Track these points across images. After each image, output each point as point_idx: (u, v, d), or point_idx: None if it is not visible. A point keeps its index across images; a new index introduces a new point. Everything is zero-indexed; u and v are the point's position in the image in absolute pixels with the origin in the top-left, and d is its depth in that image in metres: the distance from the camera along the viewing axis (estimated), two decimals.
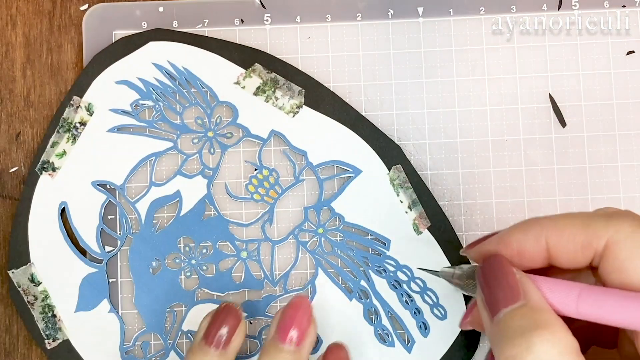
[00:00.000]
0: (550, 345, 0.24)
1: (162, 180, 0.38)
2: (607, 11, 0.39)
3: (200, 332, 0.33)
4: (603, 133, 0.38)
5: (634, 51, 0.38)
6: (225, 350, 0.33)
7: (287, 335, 0.32)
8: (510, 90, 0.38)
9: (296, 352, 0.32)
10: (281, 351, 0.32)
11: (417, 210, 0.37)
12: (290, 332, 0.32)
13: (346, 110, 0.38)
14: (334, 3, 0.39)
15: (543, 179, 0.38)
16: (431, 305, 0.37)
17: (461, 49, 0.39)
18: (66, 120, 0.38)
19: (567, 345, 0.24)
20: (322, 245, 0.37)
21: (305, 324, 0.33)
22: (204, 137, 0.38)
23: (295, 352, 0.32)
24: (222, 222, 0.37)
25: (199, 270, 0.37)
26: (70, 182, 0.37)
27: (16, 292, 0.37)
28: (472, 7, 0.39)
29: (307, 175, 0.38)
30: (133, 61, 0.38)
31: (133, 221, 0.37)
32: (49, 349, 0.36)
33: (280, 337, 0.32)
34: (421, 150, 0.38)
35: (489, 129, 0.38)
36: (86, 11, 0.39)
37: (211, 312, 0.34)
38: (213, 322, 0.33)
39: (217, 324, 0.33)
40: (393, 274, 0.37)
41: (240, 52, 0.38)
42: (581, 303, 0.26)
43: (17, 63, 0.39)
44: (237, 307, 0.34)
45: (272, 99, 0.38)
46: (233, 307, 0.34)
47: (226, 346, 0.33)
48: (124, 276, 0.37)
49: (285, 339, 0.32)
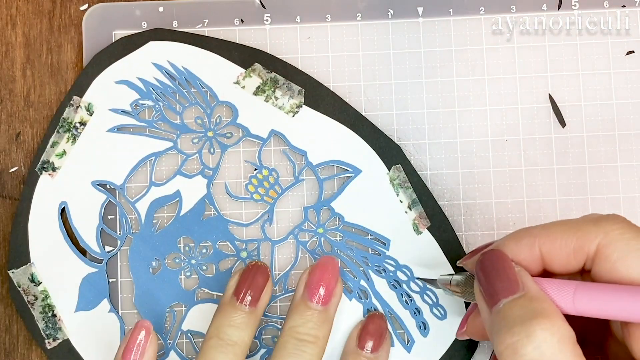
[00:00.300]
0: (550, 333, 0.25)
1: (162, 180, 0.38)
2: (607, 11, 0.39)
3: (229, 290, 0.34)
4: (603, 133, 0.38)
5: (634, 51, 0.38)
6: (254, 307, 0.34)
7: (316, 294, 0.33)
8: (510, 90, 0.38)
9: (323, 311, 0.33)
10: (309, 308, 0.33)
11: (417, 210, 0.37)
12: (318, 290, 0.34)
13: (346, 110, 0.38)
14: (334, 3, 0.39)
15: (543, 179, 0.38)
16: (431, 305, 0.37)
17: (461, 49, 0.39)
18: (66, 120, 0.38)
19: (565, 335, 0.25)
20: (322, 245, 0.37)
21: (333, 283, 0.34)
22: (204, 137, 0.38)
23: (322, 311, 0.33)
24: (222, 222, 0.37)
25: (199, 270, 0.37)
26: (70, 182, 0.37)
27: (16, 292, 0.37)
28: (472, 7, 0.39)
29: (307, 175, 0.38)
30: (133, 61, 0.38)
31: (133, 221, 0.37)
32: (49, 348, 0.36)
33: (309, 296, 0.33)
34: (421, 150, 0.38)
35: (489, 129, 0.38)
36: (86, 11, 0.39)
37: (239, 270, 0.35)
38: (242, 279, 0.34)
39: (247, 281, 0.34)
40: (393, 273, 0.37)
41: (240, 51, 0.38)
42: (577, 298, 0.26)
43: (17, 63, 0.39)
44: (266, 266, 0.35)
45: (272, 98, 0.38)
46: (262, 264, 0.35)
47: (255, 302, 0.34)
48: (124, 276, 0.37)
49: (313, 297, 0.33)
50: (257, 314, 0.34)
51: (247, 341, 0.33)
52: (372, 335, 0.35)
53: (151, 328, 0.33)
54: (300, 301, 0.34)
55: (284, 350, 0.32)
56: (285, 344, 0.33)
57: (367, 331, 0.35)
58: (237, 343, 0.33)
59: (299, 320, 0.33)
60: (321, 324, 0.33)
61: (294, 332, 0.33)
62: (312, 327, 0.33)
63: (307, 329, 0.33)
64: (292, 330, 0.33)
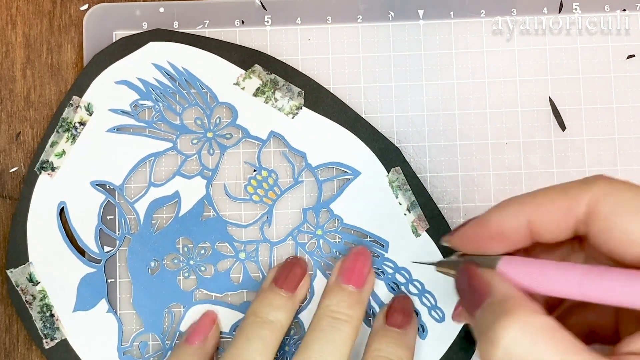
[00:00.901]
0: (515, 330, 0.23)
1: (161, 181, 0.38)
2: (608, 15, 0.39)
3: (268, 279, 0.36)
4: (603, 137, 0.38)
5: (635, 55, 0.38)
6: (293, 294, 0.35)
7: (349, 277, 0.35)
8: (510, 93, 0.38)
9: (357, 293, 0.34)
10: (343, 290, 0.34)
11: (416, 213, 0.37)
12: (352, 274, 0.35)
13: (346, 112, 0.38)
14: (335, 5, 0.39)
15: (542, 183, 0.38)
16: (429, 308, 0.37)
17: (461, 52, 0.39)
18: (66, 120, 0.38)
19: (535, 326, 0.24)
20: (321, 247, 0.37)
21: (366, 269, 0.35)
22: (204, 137, 0.38)
23: (356, 293, 0.34)
24: (220, 222, 0.37)
25: (198, 270, 0.37)
26: (69, 182, 0.37)
27: (14, 292, 0.37)
28: (472, 9, 0.39)
29: (306, 176, 0.38)
30: (133, 61, 0.38)
31: (132, 221, 0.37)
32: (47, 348, 0.36)
33: (342, 279, 0.35)
34: (420, 153, 0.38)
35: (489, 131, 0.38)
36: (86, 11, 0.39)
37: (278, 264, 0.37)
38: (282, 268, 0.36)
39: (286, 270, 0.35)
40: (391, 275, 0.37)
41: (240, 53, 0.38)
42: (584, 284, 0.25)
43: (17, 63, 0.39)
44: (304, 260, 0.37)
45: (272, 100, 0.38)
46: (301, 258, 0.37)
47: (293, 289, 0.35)
48: (122, 276, 0.37)
49: (347, 280, 0.35)
50: (294, 300, 0.35)
51: (283, 322, 0.34)
52: (399, 312, 0.35)
53: (217, 320, 0.36)
54: (334, 284, 0.35)
55: (318, 326, 0.33)
56: (319, 321, 0.33)
57: (394, 309, 0.35)
58: (273, 322, 0.34)
59: (333, 299, 0.34)
60: (354, 304, 0.34)
61: (328, 311, 0.34)
62: (346, 306, 0.34)
63: (341, 307, 0.34)
64: (326, 309, 0.34)
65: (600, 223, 0.25)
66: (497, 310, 0.25)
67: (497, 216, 0.28)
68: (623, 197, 0.25)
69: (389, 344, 0.34)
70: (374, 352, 0.33)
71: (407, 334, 0.35)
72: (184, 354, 0.35)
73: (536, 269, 0.26)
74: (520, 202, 0.27)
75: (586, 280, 0.25)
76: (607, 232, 0.25)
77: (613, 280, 0.24)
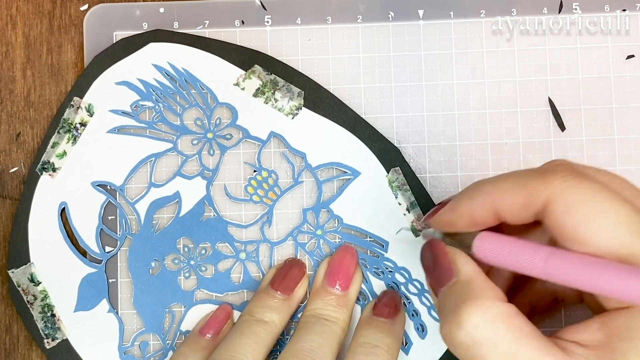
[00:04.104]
0: (478, 315, 0.25)
1: (162, 181, 0.38)
2: (608, 15, 0.39)
3: (266, 280, 0.36)
4: (602, 137, 0.38)
5: (634, 55, 0.38)
6: (289, 296, 0.35)
7: (335, 279, 0.35)
8: (510, 94, 0.38)
9: (343, 296, 0.35)
10: (329, 293, 0.35)
11: (416, 213, 0.37)
12: (338, 276, 0.35)
13: (345, 112, 0.38)
14: (335, 5, 0.39)
15: None
16: (429, 307, 0.37)
17: (461, 52, 0.39)
18: (66, 120, 0.38)
19: (497, 313, 0.25)
20: (321, 247, 0.37)
21: (352, 269, 0.36)
22: (204, 138, 0.38)
23: (342, 295, 0.35)
24: (221, 223, 0.38)
25: (198, 271, 0.37)
26: (70, 183, 0.37)
27: (16, 292, 0.37)
28: (472, 9, 0.39)
29: (306, 176, 0.38)
30: (133, 62, 0.38)
31: (132, 222, 0.38)
32: (48, 348, 0.36)
33: (328, 281, 0.35)
34: (420, 153, 0.38)
35: (488, 132, 0.38)
36: (86, 11, 0.39)
37: (277, 265, 0.37)
38: (279, 271, 0.36)
39: (284, 272, 0.36)
40: (391, 275, 0.37)
41: (240, 53, 0.38)
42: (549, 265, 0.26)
43: (17, 63, 0.39)
44: (302, 262, 0.37)
45: (272, 100, 0.38)
46: (299, 260, 0.37)
47: (290, 292, 0.35)
48: (123, 276, 0.37)
49: (333, 283, 0.35)
50: (290, 302, 0.35)
51: (277, 323, 0.34)
52: (386, 304, 0.35)
53: (232, 313, 0.36)
54: (320, 287, 0.35)
55: (307, 324, 0.34)
56: (306, 322, 0.34)
57: (382, 301, 0.36)
58: (267, 322, 0.34)
59: (319, 303, 0.35)
60: (341, 307, 0.34)
61: (315, 313, 0.34)
62: (332, 309, 0.34)
63: (327, 311, 0.34)
64: (313, 312, 0.34)
65: (553, 222, 0.26)
66: (462, 294, 0.26)
67: (466, 205, 0.29)
68: (577, 199, 0.25)
69: (377, 331, 0.34)
70: (359, 338, 0.34)
71: (394, 324, 0.35)
72: (196, 344, 0.35)
73: (507, 247, 0.27)
74: (485, 191, 0.28)
75: (550, 262, 0.26)
76: (559, 229, 0.26)
77: (573, 264, 0.25)
